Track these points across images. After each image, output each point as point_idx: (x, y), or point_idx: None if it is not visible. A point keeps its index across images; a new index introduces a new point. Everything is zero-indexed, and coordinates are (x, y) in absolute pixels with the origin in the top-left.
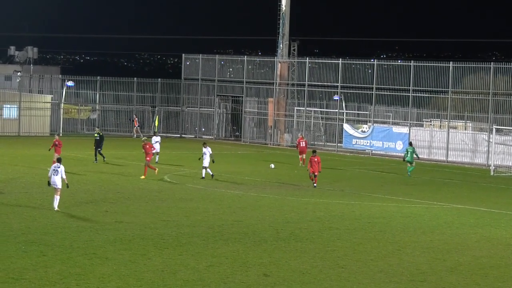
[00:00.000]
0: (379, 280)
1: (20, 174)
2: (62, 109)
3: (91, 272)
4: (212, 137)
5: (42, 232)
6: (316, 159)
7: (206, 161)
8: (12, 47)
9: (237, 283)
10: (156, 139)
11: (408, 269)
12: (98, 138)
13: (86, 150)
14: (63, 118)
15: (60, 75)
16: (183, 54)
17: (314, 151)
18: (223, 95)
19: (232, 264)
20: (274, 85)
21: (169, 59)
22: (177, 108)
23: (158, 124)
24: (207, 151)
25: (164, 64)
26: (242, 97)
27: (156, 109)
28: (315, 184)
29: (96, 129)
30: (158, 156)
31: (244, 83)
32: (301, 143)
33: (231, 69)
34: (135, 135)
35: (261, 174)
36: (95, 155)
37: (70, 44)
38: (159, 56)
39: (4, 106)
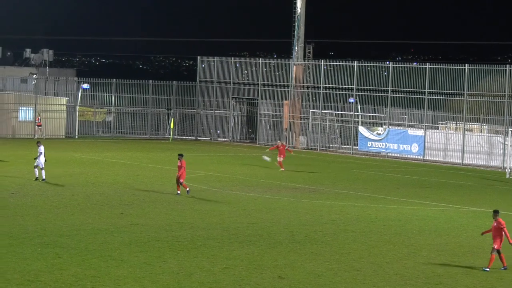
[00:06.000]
0: (395, 283)
1: (36, 176)
2: (77, 112)
3: (106, 274)
4: (227, 139)
5: (58, 234)
6: (179, 164)
7: (40, 160)
8: (28, 50)
9: (252, 285)
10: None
11: (423, 272)
12: None
13: (102, 152)
14: (78, 121)
15: (76, 78)
16: (198, 57)
17: (180, 155)
18: (238, 98)
19: (247, 266)
20: (289, 87)
21: (184, 62)
22: (192, 110)
23: (173, 127)
24: (40, 150)
25: (179, 67)
26: (257, 99)
27: (172, 111)
28: (187, 189)
29: None
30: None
31: (259, 86)
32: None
33: (246, 72)
34: (41, 135)
35: (276, 177)
36: None
37: (85, 46)
38: (174, 59)
39: (20, 108)
